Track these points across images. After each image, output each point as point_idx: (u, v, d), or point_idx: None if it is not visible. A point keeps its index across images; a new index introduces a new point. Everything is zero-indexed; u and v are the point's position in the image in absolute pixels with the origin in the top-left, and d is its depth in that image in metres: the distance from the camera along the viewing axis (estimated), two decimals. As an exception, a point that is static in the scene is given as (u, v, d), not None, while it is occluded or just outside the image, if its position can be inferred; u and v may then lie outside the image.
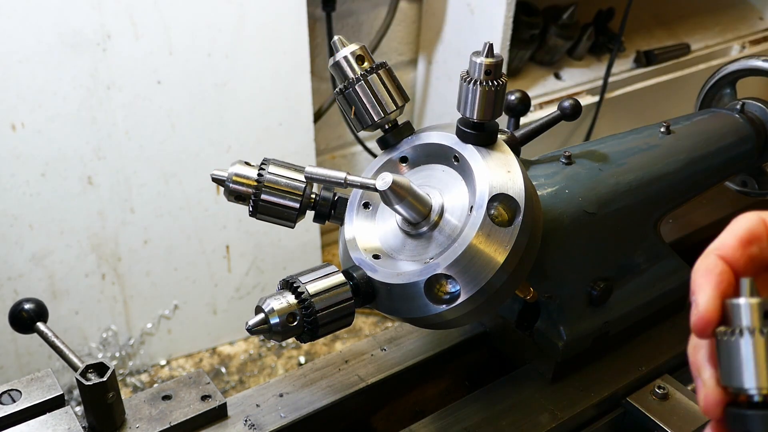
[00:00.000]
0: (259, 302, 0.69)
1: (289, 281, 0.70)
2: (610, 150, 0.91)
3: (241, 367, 2.19)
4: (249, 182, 0.77)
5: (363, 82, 0.73)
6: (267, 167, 0.77)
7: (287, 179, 0.77)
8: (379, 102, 0.74)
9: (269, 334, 0.68)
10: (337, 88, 0.74)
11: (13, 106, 1.69)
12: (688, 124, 1.03)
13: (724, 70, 1.18)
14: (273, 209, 0.78)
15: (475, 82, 0.70)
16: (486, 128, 0.73)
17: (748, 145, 1.06)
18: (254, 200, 0.77)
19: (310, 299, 0.68)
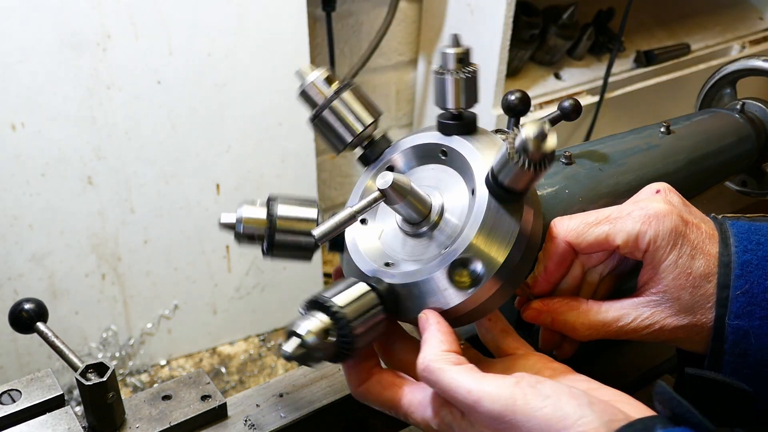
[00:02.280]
0: (288, 326, 0.67)
1: (315, 300, 0.68)
2: (610, 150, 0.91)
3: (241, 367, 2.19)
4: (260, 224, 0.76)
5: (330, 106, 0.75)
6: (276, 206, 0.76)
7: (298, 217, 0.77)
8: (350, 122, 0.76)
9: (307, 357, 0.65)
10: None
11: (13, 106, 1.69)
12: (688, 124, 1.03)
13: (724, 70, 1.18)
14: (288, 248, 0.77)
15: (449, 73, 0.72)
16: (465, 117, 0.75)
17: (748, 145, 1.06)
18: (269, 240, 0.76)
19: (341, 311, 0.66)
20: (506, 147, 0.67)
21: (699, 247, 0.69)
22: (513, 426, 0.57)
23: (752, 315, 0.66)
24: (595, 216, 0.73)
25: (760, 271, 0.66)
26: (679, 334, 0.71)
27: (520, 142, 0.66)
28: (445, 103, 0.74)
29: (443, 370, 0.62)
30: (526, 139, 0.65)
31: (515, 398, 0.58)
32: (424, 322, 0.68)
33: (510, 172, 0.67)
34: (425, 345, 0.66)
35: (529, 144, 0.65)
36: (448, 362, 0.63)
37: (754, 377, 0.67)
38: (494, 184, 0.70)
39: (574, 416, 0.55)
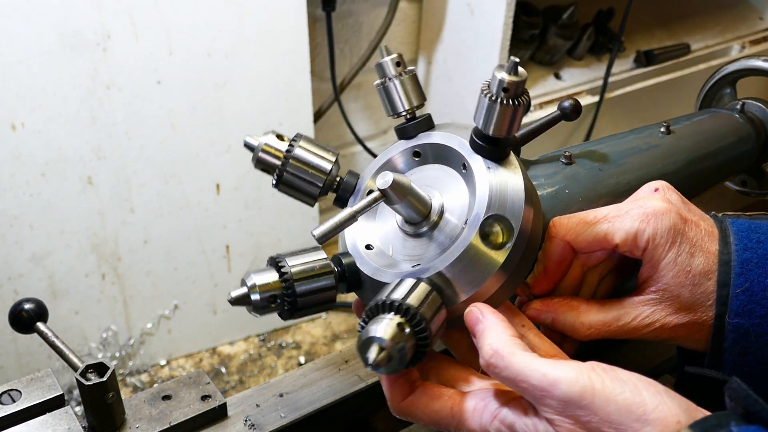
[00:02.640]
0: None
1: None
2: (610, 150, 0.91)
3: (241, 367, 2.19)
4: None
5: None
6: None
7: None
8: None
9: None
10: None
11: (13, 106, 1.69)
12: (688, 124, 1.03)
13: (724, 70, 1.18)
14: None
15: (391, 79, 0.73)
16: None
17: (748, 145, 1.06)
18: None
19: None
20: (483, 92, 0.68)
21: (698, 245, 0.69)
22: (591, 410, 0.56)
23: (752, 313, 0.66)
24: (593, 215, 0.73)
25: (760, 270, 0.66)
26: (680, 332, 0.71)
27: (493, 79, 0.67)
28: (397, 108, 0.76)
29: (514, 353, 0.61)
30: (498, 74, 0.66)
31: (593, 382, 0.57)
32: (476, 315, 0.66)
33: (492, 117, 0.68)
34: (488, 333, 0.64)
35: (503, 77, 0.66)
36: (519, 347, 0.62)
37: (754, 375, 0.67)
38: (481, 141, 0.71)
39: (652, 402, 0.55)
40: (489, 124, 0.69)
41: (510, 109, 0.68)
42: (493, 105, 0.68)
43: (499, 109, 0.68)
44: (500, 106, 0.68)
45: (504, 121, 0.69)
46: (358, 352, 0.62)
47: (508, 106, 0.68)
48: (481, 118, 0.70)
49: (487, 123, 0.70)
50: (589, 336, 0.74)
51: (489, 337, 0.63)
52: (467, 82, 2.20)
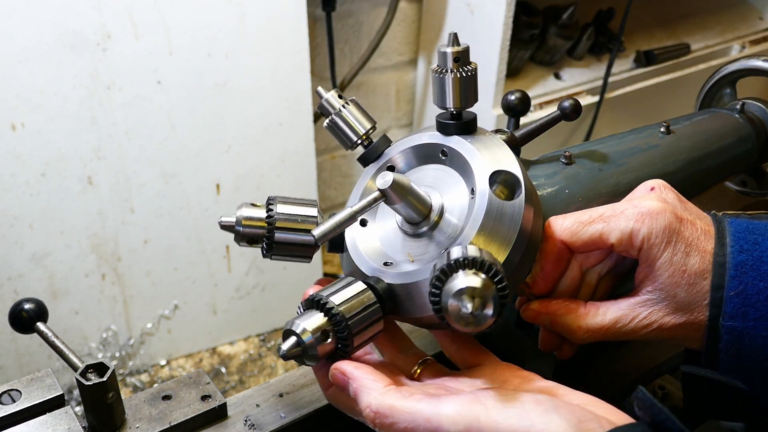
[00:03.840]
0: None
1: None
2: (610, 150, 0.91)
3: (241, 367, 2.19)
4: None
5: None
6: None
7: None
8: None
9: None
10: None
11: (13, 106, 1.69)
12: (688, 124, 1.03)
13: (724, 70, 1.18)
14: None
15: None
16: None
17: (748, 145, 1.06)
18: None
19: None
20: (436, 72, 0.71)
21: (694, 244, 0.69)
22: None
23: (746, 316, 0.66)
24: (589, 215, 0.73)
25: (754, 272, 0.66)
26: (678, 333, 0.71)
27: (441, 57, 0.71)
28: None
29: (394, 406, 0.61)
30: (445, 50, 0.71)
31: (477, 415, 0.57)
32: (340, 378, 0.66)
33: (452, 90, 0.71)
34: (361, 394, 0.64)
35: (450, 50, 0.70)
36: (396, 396, 0.62)
37: (749, 376, 0.67)
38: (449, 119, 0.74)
39: (540, 423, 0.55)
40: (452, 98, 0.73)
41: (465, 77, 0.72)
42: (450, 78, 0.72)
43: (457, 79, 0.72)
44: (456, 76, 0.72)
45: (465, 91, 0.73)
46: (448, 316, 0.61)
47: (463, 75, 0.72)
48: (443, 97, 0.74)
49: (449, 98, 0.73)
50: (588, 339, 0.74)
51: (363, 396, 0.63)
52: (467, 82, 2.20)
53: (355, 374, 0.65)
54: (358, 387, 0.64)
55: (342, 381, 0.66)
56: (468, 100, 0.74)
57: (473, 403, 0.58)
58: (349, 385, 0.66)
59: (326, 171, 2.49)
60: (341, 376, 0.67)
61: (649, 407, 0.53)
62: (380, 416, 0.61)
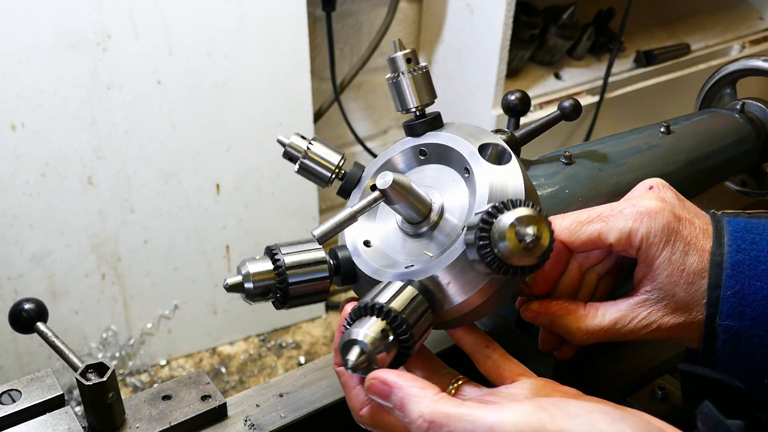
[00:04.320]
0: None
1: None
2: (610, 150, 0.91)
3: (241, 367, 2.19)
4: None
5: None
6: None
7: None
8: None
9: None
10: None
11: (13, 106, 1.69)
12: (688, 124, 1.03)
13: (724, 70, 1.18)
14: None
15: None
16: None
17: (748, 145, 1.06)
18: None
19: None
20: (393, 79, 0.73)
21: (692, 243, 0.69)
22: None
23: (743, 316, 0.66)
24: (587, 214, 0.73)
25: (751, 272, 0.66)
26: (677, 332, 0.71)
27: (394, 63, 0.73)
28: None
29: (450, 414, 0.56)
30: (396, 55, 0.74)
31: (543, 423, 0.53)
32: (381, 388, 0.61)
33: (414, 89, 0.73)
34: (409, 403, 0.58)
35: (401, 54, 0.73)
36: (451, 403, 0.57)
37: (747, 374, 0.67)
38: (416, 119, 0.75)
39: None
40: (414, 97, 0.76)
41: (421, 75, 0.76)
42: (407, 79, 0.76)
43: (413, 79, 0.76)
44: (412, 76, 0.76)
45: (424, 88, 0.77)
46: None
47: (418, 74, 0.76)
48: (405, 99, 0.76)
49: (411, 98, 0.76)
50: (587, 341, 0.74)
51: (413, 406, 0.58)
52: (467, 82, 2.20)
53: (400, 382, 0.60)
54: (405, 396, 0.59)
55: (383, 391, 0.61)
56: (429, 97, 0.77)
57: (538, 411, 0.54)
58: (392, 395, 0.60)
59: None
60: (381, 386, 0.61)
61: (715, 425, 0.52)
62: (435, 426, 0.56)
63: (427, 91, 0.77)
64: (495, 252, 0.61)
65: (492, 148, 0.74)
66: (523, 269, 0.61)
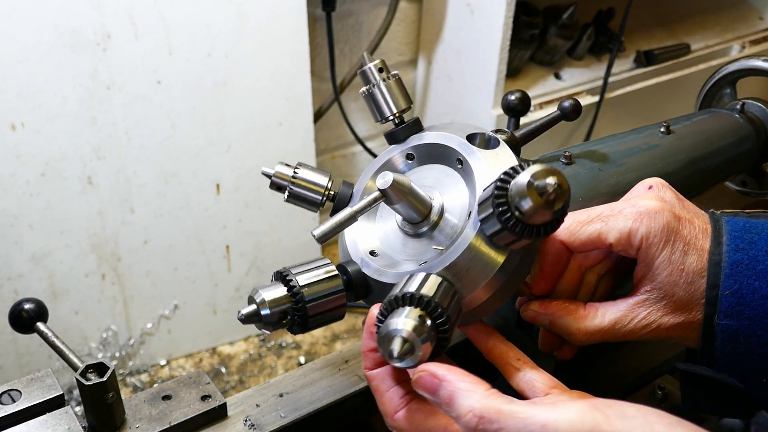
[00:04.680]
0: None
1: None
2: (610, 150, 0.91)
3: (241, 367, 2.19)
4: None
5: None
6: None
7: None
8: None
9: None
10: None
11: (13, 106, 1.69)
12: (688, 124, 1.03)
13: (724, 70, 1.18)
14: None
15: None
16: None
17: (748, 145, 1.06)
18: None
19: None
20: (368, 91, 0.72)
21: (692, 243, 0.69)
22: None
23: (741, 315, 0.66)
24: (587, 214, 0.73)
25: (750, 272, 0.66)
26: (677, 332, 0.71)
27: (366, 74, 0.72)
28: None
29: (501, 411, 0.55)
30: (367, 65, 0.73)
31: (599, 423, 0.52)
32: (429, 380, 0.59)
33: (390, 97, 0.73)
34: (458, 397, 0.57)
35: (372, 64, 0.73)
36: (502, 400, 0.56)
37: (745, 373, 0.68)
38: (396, 128, 0.76)
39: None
40: (392, 103, 0.78)
41: (395, 81, 0.78)
42: (383, 87, 0.77)
43: (389, 86, 0.77)
44: (388, 83, 0.77)
45: (400, 93, 0.78)
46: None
47: (392, 80, 0.78)
48: (383, 107, 0.78)
49: (390, 105, 0.78)
50: (587, 341, 0.74)
51: (462, 401, 0.57)
52: (467, 82, 2.20)
53: (450, 376, 0.59)
54: (455, 390, 0.58)
55: (432, 385, 0.60)
56: (405, 102, 0.79)
57: (593, 410, 0.53)
58: (441, 389, 0.59)
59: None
60: (431, 379, 0.60)
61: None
62: (485, 422, 0.55)
63: (403, 97, 0.78)
64: (517, 215, 0.60)
65: (479, 137, 0.75)
66: (545, 228, 0.61)
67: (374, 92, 0.78)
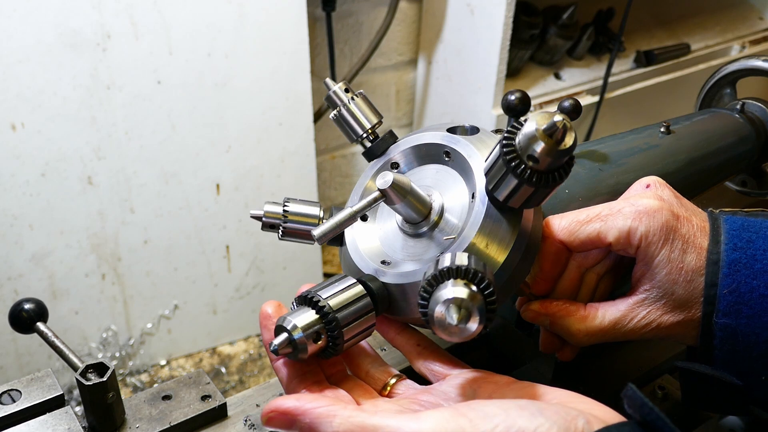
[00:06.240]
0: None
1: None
2: (610, 150, 0.91)
3: (241, 367, 2.19)
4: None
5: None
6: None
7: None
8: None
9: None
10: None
11: (13, 106, 1.69)
12: (688, 124, 1.03)
13: (724, 70, 1.18)
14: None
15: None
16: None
17: (748, 145, 1.06)
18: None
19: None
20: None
21: (690, 241, 0.69)
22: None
23: (739, 314, 0.66)
24: (586, 214, 0.73)
25: (748, 270, 0.66)
26: (676, 330, 0.71)
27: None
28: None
29: (366, 427, 0.54)
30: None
31: (463, 428, 0.53)
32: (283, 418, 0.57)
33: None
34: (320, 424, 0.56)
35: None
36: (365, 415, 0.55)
37: (743, 371, 0.68)
38: (368, 144, 0.72)
39: (529, 428, 0.52)
40: (366, 118, 0.76)
41: (361, 98, 0.74)
42: (354, 104, 0.74)
43: (358, 104, 0.75)
44: (356, 101, 0.75)
45: (369, 109, 0.75)
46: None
47: (359, 98, 0.74)
48: (358, 124, 0.76)
49: (364, 120, 0.76)
50: (587, 342, 0.74)
51: (325, 428, 0.56)
52: (467, 82, 2.20)
53: (305, 406, 0.57)
54: (314, 419, 0.56)
55: (286, 422, 0.57)
56: (376, 116, 0.78)
57: (456, 417, 0.54)
58: (297, 423, 0.57)
59: (326, 171, 2.49)
60: (282, 416, 0.57)
61: (640, 406, 0.52)
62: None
63: (372, 112, 0.78)
64: (531, 165, 0.60)
65: (459, 129, 0.75)
66: (560, 172, 0.61)
67: (344, 114, 0.78)
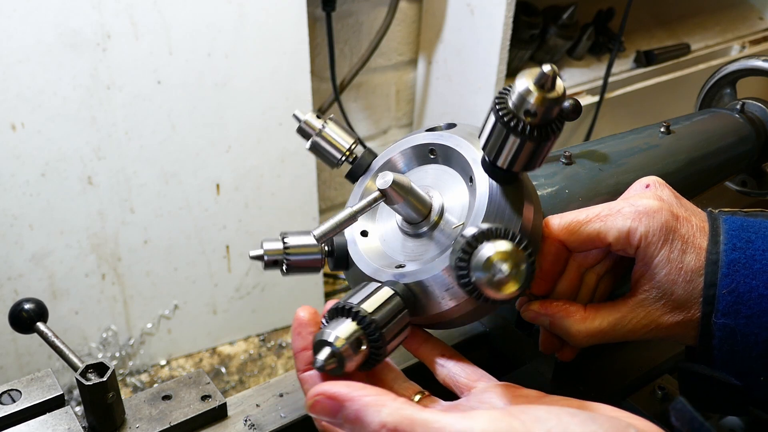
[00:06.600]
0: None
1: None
2: (610, 150, 0.91)
3: (241, 367, 2.19)
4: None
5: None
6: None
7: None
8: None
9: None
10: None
11: (13, 106, 1.69)
12: (688, 124, 1.03)
13: (724, 70, 1.18)
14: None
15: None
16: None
17: (748, 145, 1.06)
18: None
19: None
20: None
21: (690, 241, 0.69)
22: None
23: (738, 314, 0.66)
24: (585, 214, 0.73)
25: (747, 271, 0.66)
26: (676, 330, 0.71)
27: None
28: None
29: (415, 421, 0.52)
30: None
31: (515, 428, 0.51)
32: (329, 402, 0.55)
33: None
34: (367, 414, 0.54)
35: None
36: (415, 409, 0.53)
37: (743, 371, 0.68)
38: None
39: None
40: (343, 142, 0.73)
41: (333, 122, 0.71)
42: (329, 128, 0.72)
43: (332, 128, 0.72)
44: (329, 126, 0.72)
45: (343, 131, 0.73)
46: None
47: (331, 121, 0.72)
48: (333, 152, 0.75)
49: (341, 141, 0.74)
50: (587, 343, 0.74)
51: (372, 417, 0.53)
52: (467, 82, 2.20)
53: (352, 393, 0.55)
54: (361, 407, 0.54)
55: (331, 408, 0.56)
56: (351, 136, 0.78)
57: (508, 417, 0.52)
58: (344, 410, 0.55)
59: (326, 171, 2.49)
60: (328, 401, 0.56)
61: (689, 420, 0.51)
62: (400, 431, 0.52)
63: (347, 134, 0.78)
64: (528, 120, 0.59)
65: (437, 127, 0.76)
66: (558, 121, 0.60)
67: (318, 141, 0.78)
